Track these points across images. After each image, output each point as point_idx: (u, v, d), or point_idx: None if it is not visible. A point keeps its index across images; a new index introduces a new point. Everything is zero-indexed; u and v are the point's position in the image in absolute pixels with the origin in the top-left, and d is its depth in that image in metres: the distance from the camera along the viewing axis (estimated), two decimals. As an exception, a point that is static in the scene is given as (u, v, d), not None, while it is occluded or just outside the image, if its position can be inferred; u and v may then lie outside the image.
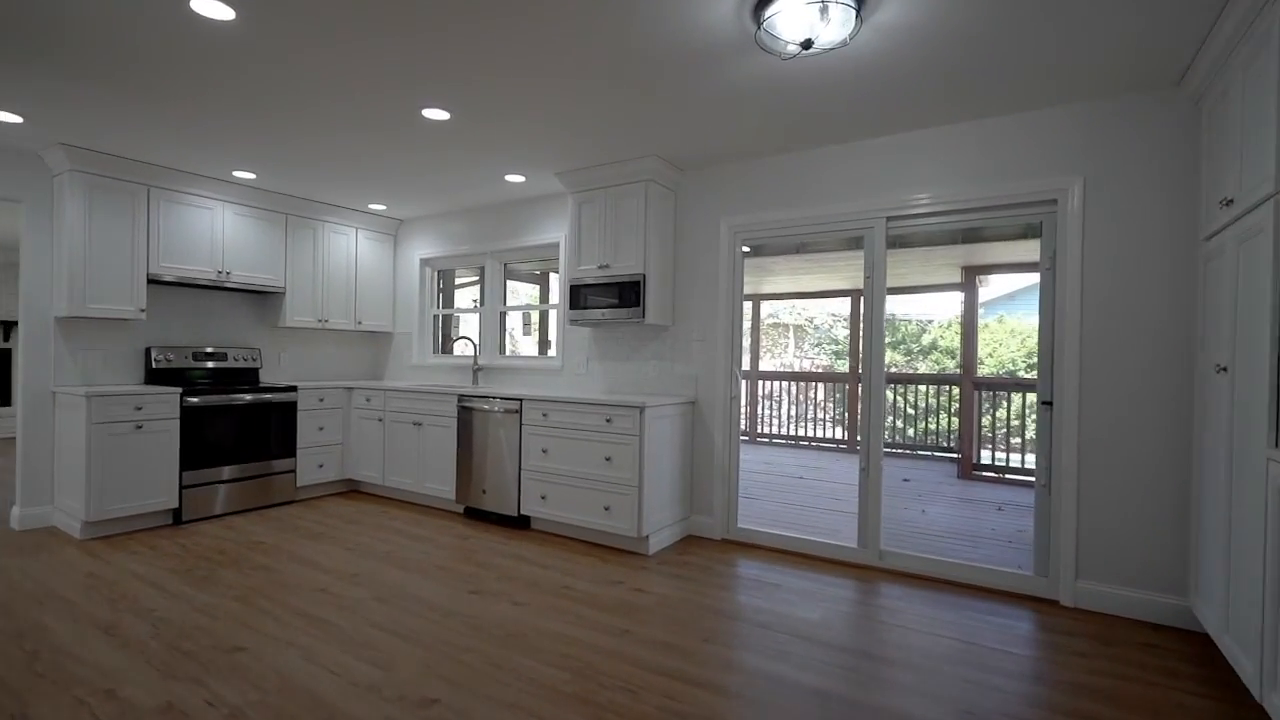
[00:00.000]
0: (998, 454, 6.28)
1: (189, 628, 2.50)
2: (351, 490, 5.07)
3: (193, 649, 2.33)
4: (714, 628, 2.60)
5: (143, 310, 4.04)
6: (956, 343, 9.18)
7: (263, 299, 5.00)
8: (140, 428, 3.79)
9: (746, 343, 8.68)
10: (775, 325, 11.73)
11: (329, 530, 3.92)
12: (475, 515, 4.31)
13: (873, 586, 3.10)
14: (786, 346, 11.90)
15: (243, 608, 2.71)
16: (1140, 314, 2.77)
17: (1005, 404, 6.21)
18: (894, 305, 9.80)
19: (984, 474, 6.12)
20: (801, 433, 8.08)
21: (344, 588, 2.96)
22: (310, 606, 2.73)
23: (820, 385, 8.25)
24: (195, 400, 4.05)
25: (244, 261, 4.58)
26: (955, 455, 6.64)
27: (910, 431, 7.27)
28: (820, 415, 8.05)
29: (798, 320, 11.79)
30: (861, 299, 8.12)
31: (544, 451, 3.85)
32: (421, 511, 4.44)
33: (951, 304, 9.48)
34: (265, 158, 3.89)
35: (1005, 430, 6.16)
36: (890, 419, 7.61)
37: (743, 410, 8.52)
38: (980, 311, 9.06)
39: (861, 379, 3.45)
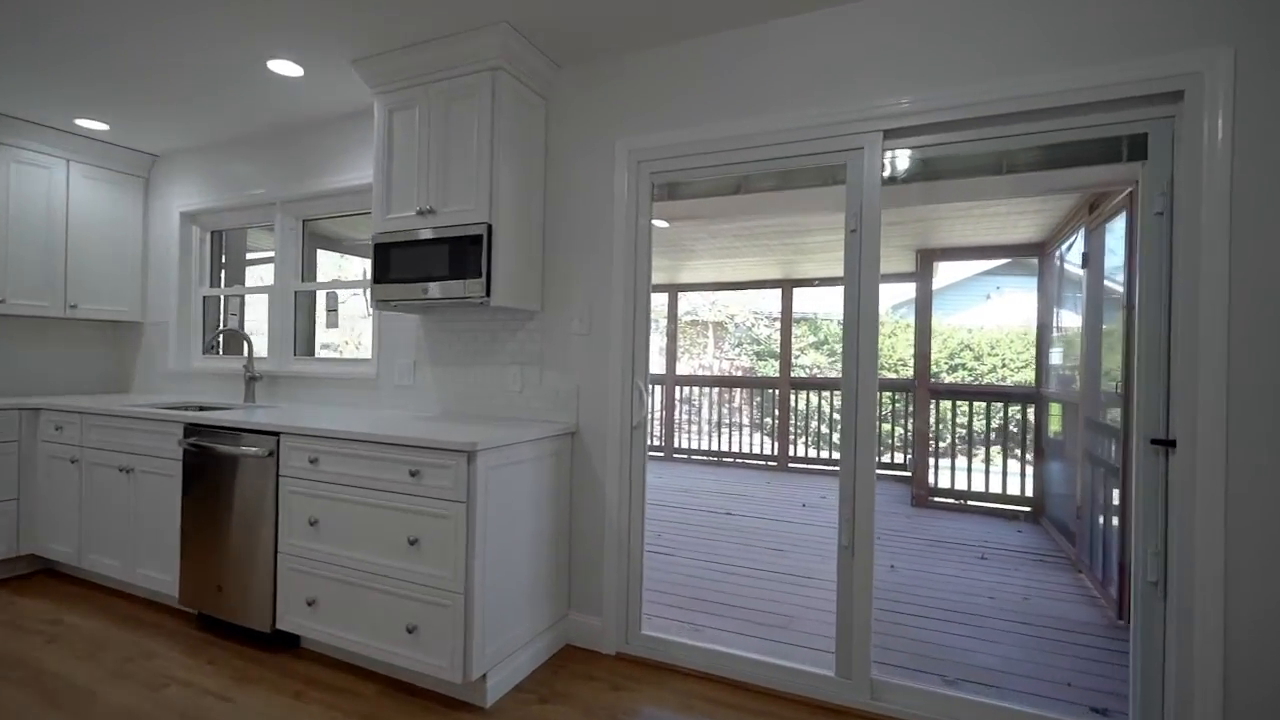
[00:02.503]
0: (957, 475, 5.24)
1: None
2: (41, 571, 3.19)
3: None
4: None
5: None
6: (884, 344, 8.30)
7: None
8: None
9: (662, 344, 7.34)
10: (694, 323, 10.52)
11: (-104, 681, 2.11)
12: (213, 626, 2.61)
13: (873, 767, 1.76)
14: (705, 347, 10.72)
15: None
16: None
17: (966, 415, 5.19)
18: (815, 303, 8.80)
19: (940, 500, 5.08)
20: (724, 447, 6.85)
21: None
22: None
23: (747, 391, 7.06)
24: None
25: None
26: (905, 475, 5.60)
27: (835, 437, 6.20)
28: (745, 421, 6.88)
29: (718, 317, 10.64)
30: (794, 290, 7.05)
31: (312, 523, 2.24)
32: (124, 619, 2.67)
33: (881, 300, 8.63)
34: None
35: (967, 447, 5.14)
36: (816, 423, 6.52)
37: (657, 421, 7.22)
38: (897, 312, 8.19)
39: (842, 395, 2.11)
